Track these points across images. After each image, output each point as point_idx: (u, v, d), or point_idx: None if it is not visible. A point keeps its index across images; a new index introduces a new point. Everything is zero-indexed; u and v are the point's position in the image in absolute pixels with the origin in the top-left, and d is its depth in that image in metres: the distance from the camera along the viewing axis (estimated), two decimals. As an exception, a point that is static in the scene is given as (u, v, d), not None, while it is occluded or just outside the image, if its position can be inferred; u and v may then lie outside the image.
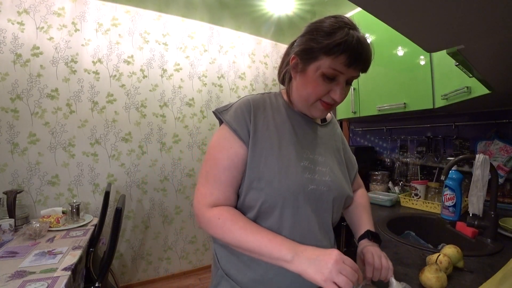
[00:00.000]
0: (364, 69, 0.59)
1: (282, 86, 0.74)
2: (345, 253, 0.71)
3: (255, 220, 0.61)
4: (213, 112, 0.67)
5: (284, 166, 0.60)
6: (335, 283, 0.46)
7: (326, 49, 0.55)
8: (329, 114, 0.78)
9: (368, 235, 0.69)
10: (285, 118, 0.66)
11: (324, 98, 0.61)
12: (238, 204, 0.64)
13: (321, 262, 0.48)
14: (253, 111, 0.63)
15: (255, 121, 0.62)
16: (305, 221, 0.61)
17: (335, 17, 0.58)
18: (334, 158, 0.71)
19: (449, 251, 0.73)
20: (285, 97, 0.70)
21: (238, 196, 0.64)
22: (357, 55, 0.55)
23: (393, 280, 0.58)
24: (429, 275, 0.63)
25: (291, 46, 0.67)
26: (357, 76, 0.60)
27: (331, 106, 0.63)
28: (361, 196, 0.84)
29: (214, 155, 0.62)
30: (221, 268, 0.66)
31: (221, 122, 0.66)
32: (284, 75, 0.70)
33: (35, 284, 0.93)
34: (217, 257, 0.68)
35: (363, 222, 0.75)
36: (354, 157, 0.84)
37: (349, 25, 0.56)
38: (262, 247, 0.53)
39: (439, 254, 0.69)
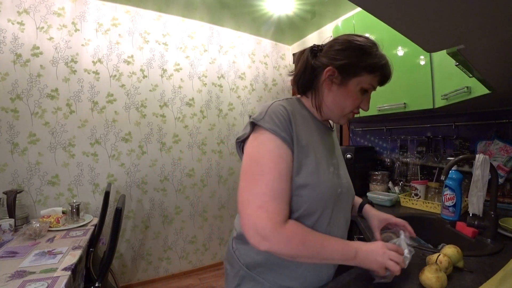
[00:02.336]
0: (384, 85, 0.71)
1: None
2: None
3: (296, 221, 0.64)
4: (250, 122, 0.62)
5: (321, 173, 0.63)
6: (386, 267, 0.60)
7: (370, 68, 0.64)
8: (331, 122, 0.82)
9: (368, 202, 0.86)
10: (312, 125, 0.68)
11: (355, 109, 0.69)
12: None
13: (374, 254, 0.60)
14: (292, 118, 0.62)
15: (296, 129, 0.62)
16: (336, 220, 0.67)
17: (363, 36, 0.66)
18: (343, 160, 0.79)
19: (449, 251, 0.73)
20: (307, 104, 0.72)
21: None
22: (389, 75, 0.68)
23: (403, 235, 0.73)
24: (429, 275, 0.63)
25: (312, 55, 0.69)
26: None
27: (354, 115, 0.72)
28: None
29: (275, 166, 0.57)
30: (246, 268, 0.66)
31: (251, 130, 0.63)
32: (304, 83, 0.71)
33: (35, 284, 0.93)
34: (239, 259, 0.69)
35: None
36: None
37: (377, 46, 0.66)
38: (334, 253, 0.59)
39: (439, 254, 0.69)
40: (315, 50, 0.70)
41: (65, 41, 1.92)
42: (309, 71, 0.69)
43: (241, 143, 0.67)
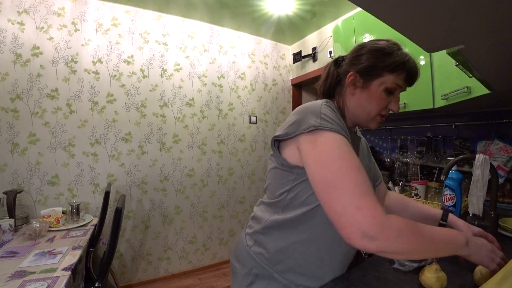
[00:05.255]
0: (413, 84, 0.68)
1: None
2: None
3: (326, 225, 0.63)
4: (314, 128, 0.57)
5: None
6: (494, 262, 0.59)
7: (391, 67, 0.63)
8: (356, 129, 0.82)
9: (449, 212, 0.81)
10: (346, 130, 0.67)
11: (383, 111, 0.68)
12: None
13: (485, 247, 0.59)
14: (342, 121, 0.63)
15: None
16: None
17: (383, 39, 0.68)
18: (372, 164, 0.79)
19: None
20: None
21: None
22: (414, 72, 0.66)
23: None
24: (429, 275, 0.63)
25: (336, 64, 0.72)
26: (405, 90, 0.69)
27: (384, 118, 0.71)
28: (399, 195, 0.94)
29: (352, 164, 0.54)
30: (266, 266, 0.66)
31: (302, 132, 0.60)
32: (326, 90, 0.73)
33: (35, 284, 0.93)
34: (255, 257, 0.68)
35: (427, 207, 0.87)
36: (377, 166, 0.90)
37: (399, 45, 0.66)
38: (447, 240, 0.55)
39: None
40: (339, 61, 0.73)
41: (65, 41, 1.92)
42: (332, 79, 0.72)
43: (275, 141, 0.66)
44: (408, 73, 0.65)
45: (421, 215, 0.84)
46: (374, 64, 0.64)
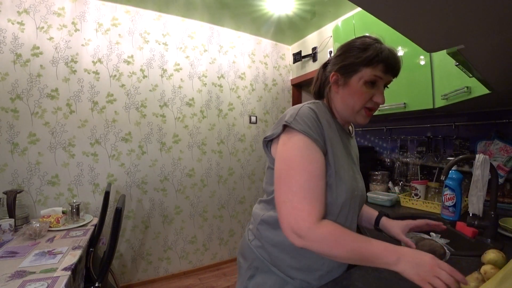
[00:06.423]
0: (396, 73, 0.70)
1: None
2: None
3: None
4: (282, 124, 0.64)
5: (342, 174, 0.66)
6: (430, 284, 0.51)
7: (366, 61, 0.65)
8: (350, 128, 0.85)
9: (385, 214, 0.86)
10: (334, 129, 0.70)
11: (368, 104, 0.69)
12: None
13: (420, 266, 0.53)
14: (321, 121, 0.65)
15: (326, 132, 0.65)
16: (349, 222, 0.69)
17: (363, 36, 0.71)
18: (358, 166, 0.82)
19: (493, 256, 0.67)
20: (328, 109, 0.75)
21: None
22: (392, 61, 0.67)
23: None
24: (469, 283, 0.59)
25: (324, 67, 0.78)
26: (391, 81, 0.70)
27: (373, 112, 0.72)
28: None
29: (306, 167, 0.60)
30: (265, 259, 0.70)
31: (282, 131, 0.66)
32: (316, 91, 0.78)
33: (35, 284, 0.93)
34: (255, 250, 0.72)
35: (371, 211, 0.91)
36: None
37: (376, 40, 0.68)
38: (372, 254, 0.56)
39: (483, 264, 0.65)
40: (327, 63, 0.76)
41: (65, 41, 1.92)
42: (320, 80, 0.77)
43: (268, 142, 0.71)
44: (386, 63, 0.66)
45: (368, 218, 0.90)
46: (351, 61, 0.67)
